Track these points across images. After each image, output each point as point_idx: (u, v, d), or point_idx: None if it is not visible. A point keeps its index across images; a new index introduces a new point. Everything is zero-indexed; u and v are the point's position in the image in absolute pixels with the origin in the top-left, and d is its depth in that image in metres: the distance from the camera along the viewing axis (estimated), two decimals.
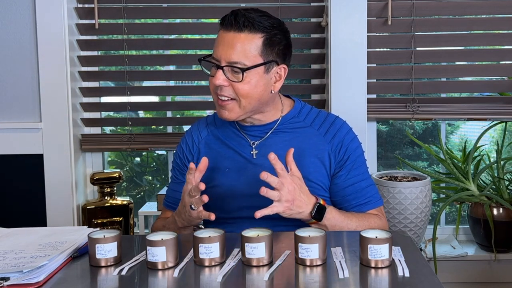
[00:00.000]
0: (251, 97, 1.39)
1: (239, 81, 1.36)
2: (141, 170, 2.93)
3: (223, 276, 1.07)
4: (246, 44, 1.36)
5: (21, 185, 2.23)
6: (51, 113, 2.19)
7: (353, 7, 2.17)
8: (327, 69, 2.25)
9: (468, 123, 2.67)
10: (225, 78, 1.37)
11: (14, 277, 1.04)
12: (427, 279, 1.04)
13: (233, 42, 1.35)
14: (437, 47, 2.27)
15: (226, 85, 1.37)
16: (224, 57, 1.36)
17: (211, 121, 1.57)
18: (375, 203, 1.48)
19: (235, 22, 1.35)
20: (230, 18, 1.36)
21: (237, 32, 1.36)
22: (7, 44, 2.18)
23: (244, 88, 1.37)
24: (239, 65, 1.35)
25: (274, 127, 1.48)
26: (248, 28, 1.36)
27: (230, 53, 1.35)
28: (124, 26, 2.25)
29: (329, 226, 1.37)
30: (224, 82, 1.37)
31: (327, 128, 1.48)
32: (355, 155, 1.48)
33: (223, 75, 1.37)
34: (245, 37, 1.36)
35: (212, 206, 1.44)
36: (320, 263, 1.11)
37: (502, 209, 2.21)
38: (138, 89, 2.43)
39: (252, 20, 1.36)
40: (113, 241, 1.14)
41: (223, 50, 1.36)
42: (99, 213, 2.19)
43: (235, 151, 1.48)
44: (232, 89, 1.38)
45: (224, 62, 1.36)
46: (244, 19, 1.35)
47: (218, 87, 1.38)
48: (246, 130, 1.50)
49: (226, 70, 1.37)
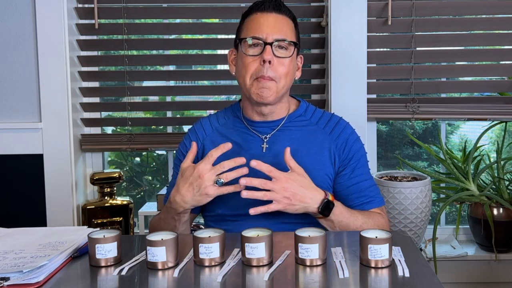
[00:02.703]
0: (288, 78, 1.46)
1: (289, 56, 1.44)
2: (141, 170, 2.93)
3: (223, 276, 1.07)
4: (287, 24, 1.46)
5: (21, 185, 2.23)
6: (51, 113, 2.19)
7: (353, 7, 2.17)
8: (327, 69, 2.25)
9: (468, 123, 2.67)
10: (273, 55, 1.42)
11: (14, 277, 1.04)
12: (427, 279, 1.04)
13: (277, 21, 1.45)
14: (437, 47, 2.27)
15: (272, 62, 1.41)
16: (271, 34, 1.42)
17: (215, 119, 1.58)
18: (377, 202, 1.50)
19: (276, 5, 1.46)
20: (269, 2, 1.46)
21: (278, 13, 1.45)
22: (7, 44, 2.18)
23: (285, 68, 1.44)
24: (288, 40, 1.43)
25: (281, 124, 1.51)
26: (286, 13, 1.47)
27: (277, 30, 1.43)
28: (124, 26, 2.25)
29: (336, 222, 1.38)
30: (273, 58, 1.41)
31: (332, 127, 1.51)
32: (358, 155, 1.51)
33: (271, 51, 1.42)
34: (285, 18, 1.47)
35: (218, 203, 1.46)
36: (320, 263, 1.11)
37: (502, 209, 2.21)
38: (138, 89, 2.43)
39: (285, 6, 1.48)
40: (113, 241, 1.14)
41: (268, 28, 1.43)
42: (99, 213, 2.19)
43: (242, 148, 1.49)
44: (276, 68, 1.42)
45: (272, 39, 1.42)
46: (280, 3, 1.47)
47: (264, 66, 1.41)
48: (255, 126, 1.51)
49: (273, 47, 1.42)
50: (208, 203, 1.50)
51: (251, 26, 1.45)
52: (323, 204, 1.34)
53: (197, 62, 2.42)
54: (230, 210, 1.47)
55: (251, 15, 1.47)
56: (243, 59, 1.45)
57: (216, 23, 2.38)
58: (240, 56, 1.47)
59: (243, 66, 1.45)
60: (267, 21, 1.44)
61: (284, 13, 1.47)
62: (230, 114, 1.57)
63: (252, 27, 1.44)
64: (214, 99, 2.44)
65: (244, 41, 1.45)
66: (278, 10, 1.45)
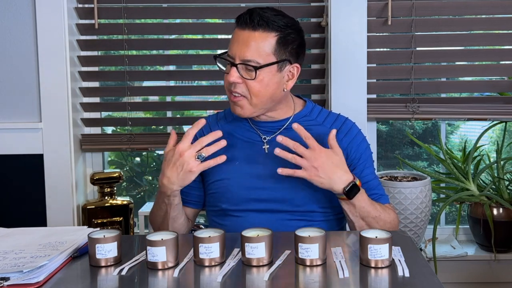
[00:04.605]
0: (262, 95, 1.42)
1: (252, 79, 1.39)
2: (141, 170, 2.93)
3: (223, 276, 1.07)
4: (260, 42, 1.39)
5: (21, 185, 2.23)
6: (51, 113, 2.19)
7: (353, 7, 2.17)
8: (327, 69, 2.25)
9: (468, 123, 2.67)
10: (239, 76, 1.40)
11: (14, 277, 1.04)
12: (427, 279, 1.04)
13: (247, 40, 1.39)
14: (437, 47, 2.27)
15: (239, 82, 1.40)
16: (238, 54, 1.39)
17: (222, 116, 1.60)
18: (385, 200, 1.52)
19: (250, 21, 1.39)
20: (245, 17, 1.40)
21: (251, 30, 1.39)
22: (7, 44, 2.18)
23: (256, 86, 1.40)
24: (252, 63, 1.39)
25: (286, 124, 1.52)
26: (263, 27, 1.39)
27: (244, 51, 1.38)
28: (124, 26, 2.25)
29: (358, 207, 1.40)
30: (237, 80, 1.40)
31: (339, 127, 1.52)
32: (366, 154, 1.52)
33: (237, 72, 1.40)
34: (259, 35, 1.39)
35: (221, 197, 1.47)
36: (320, 263, 1.11)
37: (502, 209, 2.21)
38: (138, 89, 2.43)
39: (267, 19, 1.39)
40: (113, 241, 1.14)
41: (237, 48, 1.39)
42: (99, 213, 2.18)
43: (246, 145, 1.51)
44: (246, 86, 1.41)
45: (238, 60, 1.39)
46: (259, 18, 1.39)
47: (232, 84, 1.41)
48: (259, 126, 1.52)
49: (240, 68, 1.40)
50: (211, 198, 1.52)
51: (230, 42, 1.44)
52: (349, 186, 1.36)
53: (197, 62, 2.42)
54: (233, 205, 1.48)
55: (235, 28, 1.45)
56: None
57: (216, 23, 2.38)
58: None
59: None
60: (238, 39, 1.41)
61: (260, 27, 1.38)
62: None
63: (230, 43, 1.44)
64: (214, 99, 2.44)
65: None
66: (251, 26, 1.38)
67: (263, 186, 1.45)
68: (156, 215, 1.51)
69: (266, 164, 1.45)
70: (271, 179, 1.44)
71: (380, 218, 1.42)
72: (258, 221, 1.43)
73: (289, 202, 1.46)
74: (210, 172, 1.48)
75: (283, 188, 1.45)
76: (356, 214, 1.41)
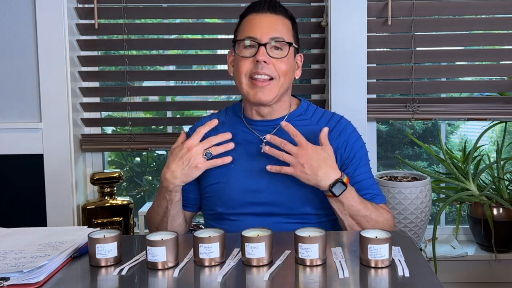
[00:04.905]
0: (290, 76, 1.47)
1: (283, 57, 1.43)
2: (141, 170, 2.93)
3: (223, 276, 1.07)
4: (284, 24, 1.46)
5: (21, 185, 2.23)
6: (51, 113, 2.19)
7: (353, 7, 2.17)
8: (327, 69, 2.25)
9: (468, 123, 2.67)
10: (268, 56, 1.42)
11: (14, 277, 1.04)
12: (427, 279, 1.04)
13: (274, 21, 1.45)
14: (437, 47, 2.27)
15: (268, 62, 1.42)
16: (267, 33, 1.42)
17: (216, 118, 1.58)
18: (380, 199, 1.51)
19: (271, 5, 1.46)
20: (264, 3, 1.46)
21: (273, 14, 1.45)
22: (7, 44, 2.18)
23: (284, 66, 1.44)
24: (286, 39, 1.44)
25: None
26: (282, 13, 1.47)
27: (274, 29, 1.43)
28: (124, 26, 2.25)
29: (347, 205, 1.39)
30: (267, 59, 1.41)
31: (333, 126, 1.51)
32: (360, 154, 1.51)
33: (265, 52, 1.41)
34: (281, 18, 1.47)
35: (217, 201, 1.47)
36: (320, 263, 1.11)
37: (502, 209, 2.21)
38: (138, 89, 2.43)
39: (284, 7, 1.49)
40: (113, 241, 1.14)
41: (263, 28, 1.43)
42: (99, 213, 2.18)
43: (242, 147, 1.50)
44: (273, 67, 1.43)
45: (267, 39, 1.42)
46: (277, 4, 1.47)
47: (259, 65, 1.41)
48: (254, 125, 1.51)
49: (268, 48, 1.42)
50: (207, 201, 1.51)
51: (246, 27, 1.45)
52: (335, 183, 1.35)
53: (197, 62, 2.42)
54: (229, 209, 1.47)
55: (246, 16, 1.48)
56: (239, 61, 1.46)
57: (216, 23, 2.38)
58: (236, 57, 1.48)
59: (238, 67, 1.46)
60: (261, 21, 1.44)
61: (280, 13, 1.47)
62: (231, 113, 1.58)
63: (247, 28, 1.45)
64: (214, 99, 2.44)
65: (239, 43, 1.46)
66: (273, 10, 1.46)
67: (260, 188, 1.44)
68: (155, 212, 1.50)
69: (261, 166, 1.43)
70: (266, 180, 1.44)
71: (370, 217, 1.41)
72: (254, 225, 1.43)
73: (284, 205, 1.44)
74: (206, 175, 1.47)
75: (278, 191, 1.44)
76: (345, 213, 1.40)
